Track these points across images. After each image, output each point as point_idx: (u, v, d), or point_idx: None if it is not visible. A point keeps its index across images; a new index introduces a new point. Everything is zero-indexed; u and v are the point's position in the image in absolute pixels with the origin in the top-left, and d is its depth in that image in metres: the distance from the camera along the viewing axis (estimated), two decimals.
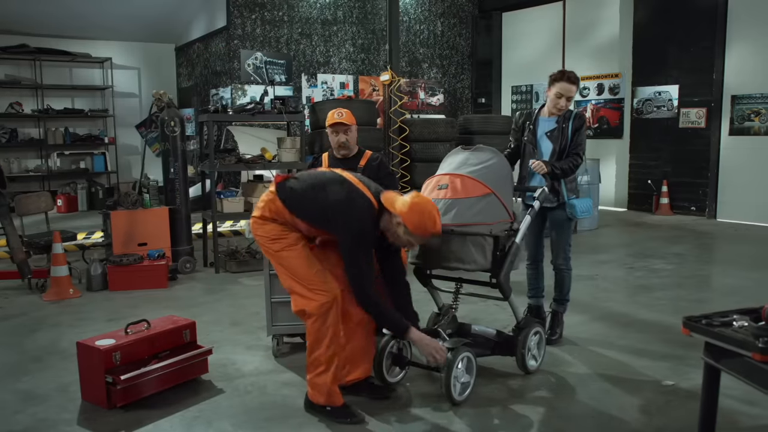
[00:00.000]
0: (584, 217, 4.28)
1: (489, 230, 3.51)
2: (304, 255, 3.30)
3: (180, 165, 6.62)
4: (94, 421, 3.38)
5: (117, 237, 6.36)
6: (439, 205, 3.48)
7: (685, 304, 5.41)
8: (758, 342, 1.94)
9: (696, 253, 7.60)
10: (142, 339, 3.68)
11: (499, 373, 3.87)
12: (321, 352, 3.27)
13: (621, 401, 3.49)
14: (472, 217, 3.46)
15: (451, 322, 3.84)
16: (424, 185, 3.71)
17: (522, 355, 3.76)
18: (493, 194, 3.53)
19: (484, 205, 3.50)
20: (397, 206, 3.14)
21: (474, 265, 3.51)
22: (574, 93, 4.17)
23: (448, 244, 3.48)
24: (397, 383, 3.71)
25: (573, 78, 4.17)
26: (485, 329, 3.94)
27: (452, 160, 3.73)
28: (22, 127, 12.21)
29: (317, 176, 3.42)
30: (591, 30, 11.75)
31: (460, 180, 3.54)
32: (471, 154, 3.70)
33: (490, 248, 3.54)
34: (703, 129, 10.16)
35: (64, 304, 5.66)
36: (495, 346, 3.83)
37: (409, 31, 13.10)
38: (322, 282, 3.26)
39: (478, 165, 3.60)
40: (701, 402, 2.30)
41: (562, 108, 4.19)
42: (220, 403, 3.58)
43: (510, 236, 3.65)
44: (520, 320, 3.86)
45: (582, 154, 4.20)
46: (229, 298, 5.75)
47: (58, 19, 11.71)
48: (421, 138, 7.53)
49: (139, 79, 13.37)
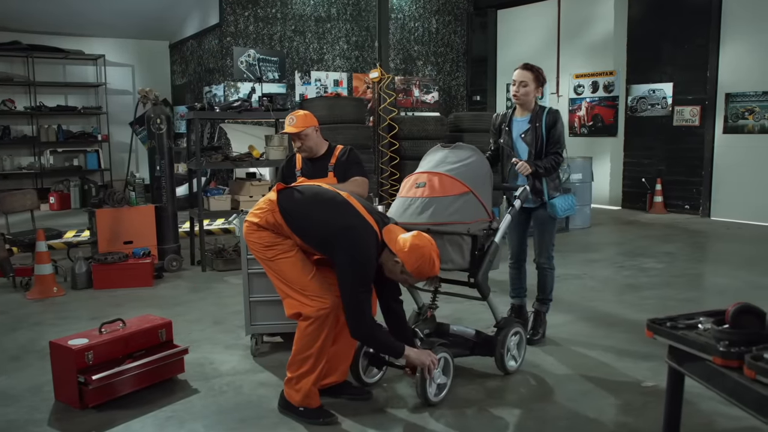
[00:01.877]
0: (567, 215, 4.24)
1: (467, 229, 3.47)
2: (299, 262, 3.21)
3: (166, 163, 6.58)
4: (65, 422, 3.35)
5: (102, 235, 6.32)
6: (416, 203, 3.45)
7: (672, 303, 5.36)
8: (719, 345, 1.89)
9: (687, 251, 7.55)
10: (116, 338, 3.64)
11: (478, 373, 3.83)
12: (310, 354, 3.20)
13: (599, 403, 3.45)
14: (450, 216, 3.43)
15: (429, 322, 3.79)
16: (403, 183, 3.68)
17: (501, 355, 3.72)
18: (471, 193, 3.50)
19: (461, 203, 3.47)
20: (398, 245, 3.05)
21: (451, 264, 3.47)
22: (529, 79, 4.10)
23: None
24: (374, 384, 3.67)
25: (528, 66, 4.15)
26: (464, 329, 3.90)
27: (431, 158, 3.69)
28: (15, 125, 12.17)
29: (322, 196, 3.26)
30: (586, 27, 11.70)
31: (438, 178, 3.50)
32: (450, 152, 3.66)
33: (468, 247, 3.51)
34: (697, 127, 10.10)
35: (48, 302, 5.62)
36: (474, 347, 3.79)
37: (403, 28, 13.04)
38: (319, 288, 3.18)
39: (456, 163, 3.57)
40: (665, 406, 2.25)
41: (519, 96, 4.13)
42: (195, 404, 3.55)
43: (489, 235, 3.60)
44: (500, 320, 3.82)
45: (562, 151, 4.15)
46: (214, 297, 5.71)
47: (51, 16, 11.66)
48: (410, 136, 7.49)
49: (133, 76, 13.32)
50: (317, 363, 3.22)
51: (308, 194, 3.26)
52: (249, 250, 3.45)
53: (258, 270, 4.09)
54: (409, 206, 3.50)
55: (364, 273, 3.07)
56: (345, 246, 3.03)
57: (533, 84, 4.11)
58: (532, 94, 4.14)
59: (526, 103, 4.17)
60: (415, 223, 3.40)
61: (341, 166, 4.48)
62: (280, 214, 3.17)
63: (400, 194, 3.63)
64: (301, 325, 3.20)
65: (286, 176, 4.63)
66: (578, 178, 9.19)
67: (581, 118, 11.88)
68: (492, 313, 3.83)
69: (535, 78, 4.11)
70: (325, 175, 4.46)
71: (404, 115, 9.48)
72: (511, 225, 4.38)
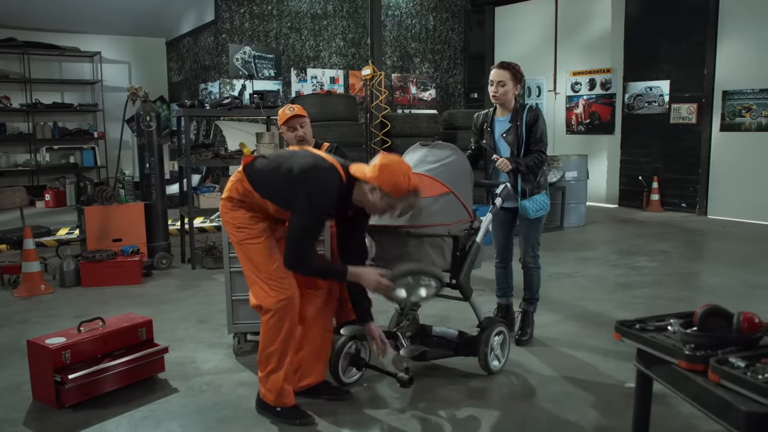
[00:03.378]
0: (540, 215, 4.15)
1: (447, 230, 3.41)
2: (267, 248, 3.21)
3: (156, 160, 6.54)
4: (40, 421, 3.32)
5: (91, 233, 6.29)
6: None
7: (663, 302, 5.31)
8: (685, 349, 1.85)
9: (682, 250, 7.50)
10: (95, 337, 3.61)
11: (461, 373, 3.79)
12: (274, 349, 3.18)
13: (581, 404, 3.41)
14: (430, 217, 3.34)
15: (410, 324, 3.73)
16: None
17: (484, 355, 3.67)
18: (452, 193, 3.44)
19: (442, 204, 3.40)
20: (367, 172, 3.04)
21: (432, 266, 3.39)
22: (507, 78, 4.02)
23: (405, 246, 3.36)
24: (353, 384, 3.63)
25: (505, 65, 4.08)
26: (447, 330, 3.85)
27: (410, 158, 3.63)
28: (11, 122, 12.15)
29: (285, 153, 3.39)
30: (583, 24, 11.63)
31: (418, 179, 3.43)
32: (429, 151, 3.61)
33: (449, 249, 3.45)
34: (693, 125, 10.04)
35: (35, 300, 5.59)
36: (457, 347, 3.74)
37: (400, 25, 12.99)
38: (281, 279, 3.18)
39: (435, 163, 3.50)
40: (633, 410, 2.21)
41: (498, 96, 4.06)
42: (173, 403, 3.52)
43: (470, 235, 3.55)
44: (483, 320, 3.77)
45: (545, 149, 4.09)
46: (201, 295, 5.68)
47: (47, 13, 11.64)
48: (403, 133, 7.45)
49: (130, 73, 13.29)
50: (282, 359, 3.18)
51: (272, 156, 3.35)
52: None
53: (240, 268, 4.08)
54: None
55: (317, 216, 3.09)
56: (305, 185, 3.02)
57: (511, 82, 4.04)
58: (511, 93, 4.07)
59: (506, 103, 4.11)
60: (394, 226, 3.33)
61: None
62: (248, 182, 3.19)
63: None
64: (263, 318, 3.19)
65: None
66: (573, 176, 9.14)
67: (578, 115, 11.82)
68: (475, 314, 3.78)
69: (513, 76, 4.04)
70: None
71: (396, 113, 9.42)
72: (496, 224, 4.35)
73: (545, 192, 4.18)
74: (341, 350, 3.53)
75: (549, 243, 8.02)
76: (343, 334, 3.56)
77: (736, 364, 1.75)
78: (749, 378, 1.65)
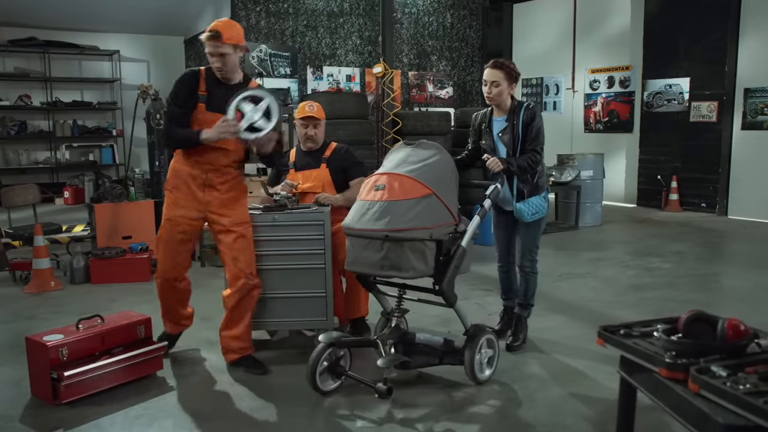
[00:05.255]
0: (536, 218, 4.03)
1: (429, 234, 3.23)
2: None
3: (166, 158, 6.57)
4: (36, 418, 3.34)
5: (101, 230, 6.34)
6: (374, 208, 3.24)
7: (673, 305, 5.20)
8: (666, 356, 1.78)
9: (698, 251, 7.35)
10: (93, 335, 3.63)
11: (447, 383, 3.65)
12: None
13: (572, 414, 3.30)
14: (410, 221, 3.18)
15: (393, 332, 3.58)
16: (363, 184, 3.48)
17: (471, 364, 3.52)
18: (434, 195, 3.28)
19: (423, 207, 3.22)
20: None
21: (413, 272, 3.24)
22: (500, 78, 3.90)
23: (384, 251, 3.22)
24: (331, 393, 3.52)
25: (498, 64, 3.95)
26: (431, 338, 3.71)
27: (393, 158, 3.50)
28: (32, 120, 12.31)
29: None
30: (602, 21, 11.47)
31: (399, 180, 3.29)
32: (412, 150, 3.47)
33: (432, 253, 3.29)
34: (714, 123, 9.84)
35: (45, 296, 5.66)
36: (443, 355, 3.60)
37: (417, 23, 12.92)
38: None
39: (418, 163, 3.36)
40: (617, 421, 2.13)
41: (492, 96, 3.96)
42: (168, 401, 3.52)
43: (455, 239, 3.41)
44: (470, 328, 3.61)
45: (540, 149, 3.96)
46: (208, 293, 5.67)
47: (67, 12, 11.75)
48: (414, 132, 7.39)
49: (148, 71, 13.38)
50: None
51: None
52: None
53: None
54: (367, 211, 3.27)
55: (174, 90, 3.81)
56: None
57: (506, 82, 3.92)
58: (506, 93, 3.96)
59: (501, 103, 4.00)
60: (372, 230, 3.21)
61: (337, 162, 4.51)
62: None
63: (359, 197, 3.42)
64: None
65: (279, 170, 4.64)
66: (589, 175, 9.01)
67: (597, 113, 11.66)
68: (461, 321, 3.64)
69: (507, 75, 3.92)
70: (318, 166, 4.47)
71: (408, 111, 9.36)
72: (497, 227, 4.27)
73: (544, 194, 4.06)
74: (319, 358, 3.42)
75: (562, 243, 7.93)
76: (320, 341, 3.45)
77: (718, 373, 1.68)
78: (728, 388, 1.58)
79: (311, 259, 4.03)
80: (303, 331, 4.57)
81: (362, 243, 3.29)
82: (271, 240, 4.00)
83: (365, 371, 3.62)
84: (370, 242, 3.25)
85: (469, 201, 5.30)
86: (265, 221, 4.00)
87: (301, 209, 4.11)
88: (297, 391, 3.56)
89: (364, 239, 3.27)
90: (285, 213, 4.05)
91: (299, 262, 4.03)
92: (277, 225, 4.01)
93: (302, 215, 4.04)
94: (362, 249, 3.29)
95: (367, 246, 3.27)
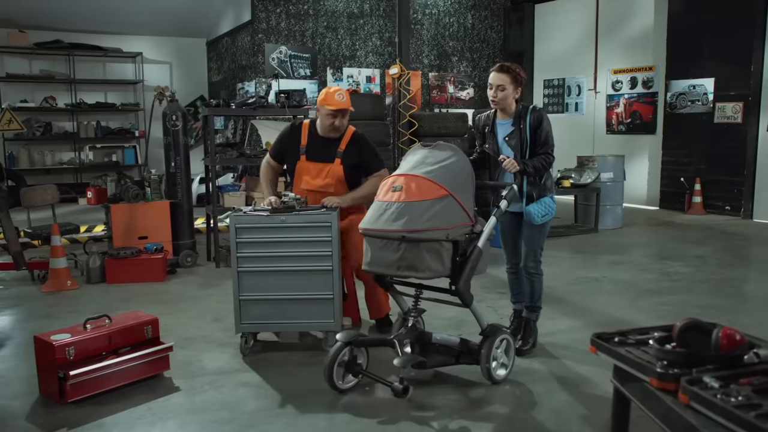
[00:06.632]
0: (546, 220, 3.98)
1: (445, 235, 3.26)
2: None
3: (182, 159, 6.63)
4: (41, 416, 3.38)
5: (117, 230, 6.41)
6: (392, 209, 3.26)
7: (690, 310, 5.08)
8: (657, 366, 1.72)
9: (719, 255, 7.19)
10: (99, 335, 3.66)
11: (464, 382, 3.67)
12: None
13: (583, 418, 3.27)
14: (426, 222, 3.20)
15: (409, 331, 3.59)
16: (381, 185, 3.50)
17: (486, 363, 3.54)
18: (451, 196, 3.29)
19: (440, 208, 3.25)
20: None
21: (429, 272, 3.26)
22: (506, 82, 3.86)
23: (400, 252, 3.25)
24: (349, 391, 3.55)
25: (505, 68, 3.91)
26: (448, 338, 3.72)
27: (410, 159, 3.51)
28: (57, 121, 12.54)
29: None
30: (625, 21, 11.31)
31: (416, 181, 3.30)
32: (429, 152, 3.48)
33: (448, 254, 3.31)
34: (739, 124, 9.63)
35: (60, 295, 5.73)
36: (459, 355, 3.62)
37: (438, 24, 12.87)
38: None
39: (435, 165, 3.37)
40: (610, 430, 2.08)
41: (497, 101, 3.91)
42: (172, 402, 3.53)
43: (472, 240, 3.42)
44: (486, 328, 3.62)
45: (552, 150, 3.92)
46: (221, 294, 5.70)
47: (91, 15, 11.95)
48: (430, 133, 7.35)
49: (171, 73, 13.54)
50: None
51: None
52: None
53: (247, 268, 4.09)
54: (385, 212, 3.29)
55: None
56: None
57: (511, 86, 3.87)
58: (511, 97, 3.91)
59: (506, 107, 3.94)
60: (389, 230, 3.22)
61: (353, 157, 4.39)
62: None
63: (377, 198, 3.44)
64: None
65: (288, 150, 4.53)
66: (609, 177, 8.88)
67: (619, 114, 11.50)
68: (477, 321, 3.65)
69: (513, 80, 3.87)
70: (332, 160, 4.38)
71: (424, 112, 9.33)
72: (502, 229, 4.22)
73: (552, 195, 4.02)
74: (336, 356, 3.45)
75: (581, 246, 7.83)
76: (338, 340, 3.49)
77: (710, 384, 1.62)
78: (718, 401, 1.52)
79: (319, 260, 4.02)
80: (311, 332, 4.56)
81: (379, 243, 3.31)
82: (278, 242, 4.00)
83: (383, 370, 3.63)
84: (387, 243, 3.27)
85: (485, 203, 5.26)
86: (273, 223, 4.00)
87: (309, 211, 4.10)
88: (298, 393, 3.56)
89: (381, 240, 3.29)
90: (293, 215, 4.04)
91: (307, 264, 4.02)
92: (285, 227, 4.00)
93: (310, 217, 4.03)
94: (379, 249, 3.32)
95: (384, 247, 3.30)
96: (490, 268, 6.24)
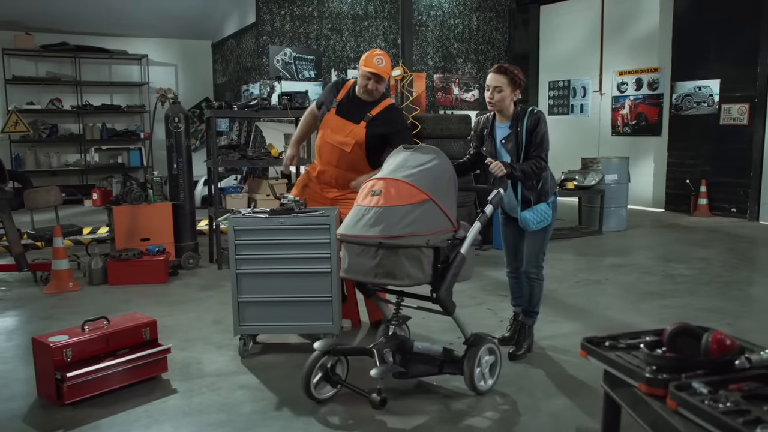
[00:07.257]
0: (542, 226, 3.91)
1: (425, 241, 3.14)
2: None
3: (184, 161, 6.64)
4: (38, 417, 3.39)
5: (120, 232, 6.43)
6: (369, 214, 3.16)
7: (693, 313, 5.05)
8: (645, 371, 1.70)
9: (724, 258, 7.14)
10: (97, 336, 3.66)
11: (447, 393, 3.57)
12: None
13: (578, 425, 3.22)
14: (405, 227, 3.08)
15: (389, 340, 3.50)
16: (361, 188, 3.41)
17: (470, 374, 3.42)
18: (432, 200, 3.18)
19: (419, 213, 3.13)
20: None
21: (408, 280, 3.14)
22: (504, 84, 3.81)
23: (378, 259, 3.13)
24: (326, 401, 3.47)
25: (502, 69, 3.86)
26: (430, 347, 3.62)
27: (391, 162, 3.42)
28: (63, 123, 12.60)
29: None
30: (630, 22, 11.25)
31: (396, 185, 3.20)
32: (410, 155, 3.38)
33: (429, 260, 3.19)
34: (745, 126, 9.56)
35: (62, 297, 5.75)
36: (442, 365, 3.52)
37: (443, 25, 12.86)
38: None
39: (416, 168, 3.26)
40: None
41: (494, 102, 3.86)
42: (169, 404, 3.53)
43: (454, 246, 3.31)
44: (470, 337, 3.52)
45: (545, 154, 3.85)
46: (222, 295, 5.71)
47: (97, 17, 12.01)
48: (433, 135, 7.33)
49: (176, 75, 13.58)
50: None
51: None
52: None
53: (246, 270, 4.09)
54: (362, 217, 3.18)
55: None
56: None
57: (509, 88, 3.82)
58: (509, 99, 3.85)
59: (503, 109, 3.89)
60: (367, 236, 3.13)
61: (380, 125, 4.33)
62: None
63: (356, 202, 3.35)
64: None
65: (326, 99, 4.56)
66: (613, 179, 8.84)
67: (624, 116, 11.45)
68: (460, 330, 3.55)
69: (510, 81, 3.82)
70: (358, 122, 4.35)
71: (427, 114, 9.31)
72: (505, 233, 4.19)
73: (551, 199, 3.96)
74: (313, 366, 3.35)
75: (584, 248, 7.79)
76: (315, 349, 3.40)
77: (699, 390, 1.60)
78: (706, 407, 1.50)
79: (317, 263, 4.01)
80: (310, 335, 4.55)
81: (357, 250, 3.21)
82: (277, 244, 4.00)
83: (366, 379, 3.59)
84: (364, 249, 3.17)
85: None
86: (272, 225, 4.00)
87: (307, 213, 4.09)
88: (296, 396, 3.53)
89: (358, 246, 3.19)
90: (292, 217, 4.03)
91: (306, 266, 4.02)
92: (284, 229, 4.00)
93: (309, 219, 4.03)
94: (356, 256, 3.21)
95: (361, 253, 3.19)
96: (493, 271, 6.26)
